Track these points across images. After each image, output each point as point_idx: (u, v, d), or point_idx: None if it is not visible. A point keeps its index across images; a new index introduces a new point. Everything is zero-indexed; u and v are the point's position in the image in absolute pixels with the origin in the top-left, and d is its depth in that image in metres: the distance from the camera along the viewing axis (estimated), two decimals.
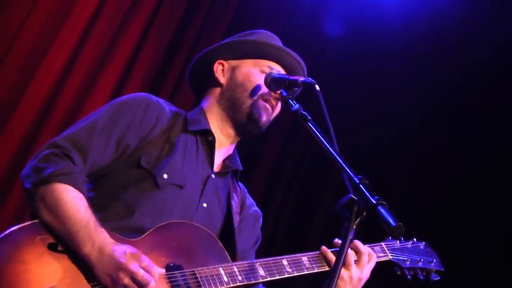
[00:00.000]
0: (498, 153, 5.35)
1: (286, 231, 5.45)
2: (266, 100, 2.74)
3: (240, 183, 2.91)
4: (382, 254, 2.82)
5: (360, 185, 2.05)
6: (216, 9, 4.97)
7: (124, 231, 2.38)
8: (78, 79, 4.22)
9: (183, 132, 2.67)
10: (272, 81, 2.67)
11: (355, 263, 2.63)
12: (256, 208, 2.96)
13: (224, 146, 2.80)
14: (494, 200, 5.27)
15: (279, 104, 2.78)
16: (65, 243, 2.25)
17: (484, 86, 5.44)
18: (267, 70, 2.77)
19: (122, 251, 2.20)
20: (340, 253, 2.03)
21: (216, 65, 2.83)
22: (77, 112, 4.18)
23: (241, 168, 2.86)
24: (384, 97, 5.63)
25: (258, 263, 2.54)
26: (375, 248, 2.81)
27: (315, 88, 2.47)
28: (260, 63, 2.80)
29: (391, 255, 2.84)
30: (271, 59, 2.82)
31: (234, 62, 2.83)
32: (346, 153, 5.16)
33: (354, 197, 2.04)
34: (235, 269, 2.47)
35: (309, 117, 2.39)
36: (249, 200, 2.94)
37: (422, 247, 2.99)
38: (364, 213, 2.03)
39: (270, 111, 2.76)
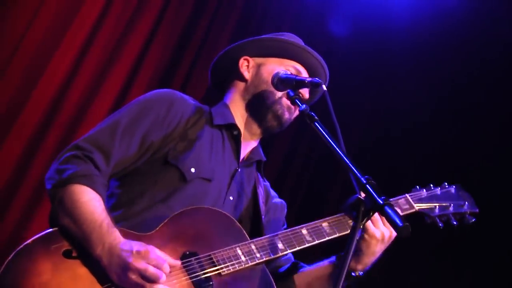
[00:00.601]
0: (505, 153, 5.32)
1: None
2: (289, 99, 2.72)
3: (264, 177, 2.93)
4: (407, 206, 2.76)
5: (367, 185, 2.05)
6: (223, 9, 4.97)
7: (147, 224, 2.39)
8: (85, 79, 4.22)
9: (208, 126, 2.70)
10: (279, 81, 2.68)
11: (380, 220, 2.54)
12: (281, 199, 2.98)
13: (249, 140, 2.83)
14: (501, 201, 5.24)
15: None
16: (80, 246, 2.27)
17: (492, 86, 5.41)
18: (292, 70, 2.81)
19: (129, 250, 2.20)
20: (347, 251, 2.02)
21: (241, 60, 2.86)
22: (84, 112, 4.19)
23: (265, 159, 2.89)
24: (391, 97, 5.62)
25: (277, 236, 2.53)
26: (399, 201, 2.75)
27: (322, 88, 2.48)
28: (285, 63, 2.84)
29: (417, 206, 2.77)
30: (295, 60, 2.86)
31: (259, 60, 2.87)
32: (353, 152, 5.17)
33: (361, 197, 2.03)
34: (253, 247, 2.46)
35: (316, 117, 2.40)
36: (272, 192, 2.97)
37: (453, 191, 2.90)
38: (371, 213, 2.03)
39: (292, 110, 2.78)
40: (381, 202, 1.99)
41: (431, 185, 2.87)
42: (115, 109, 4.27)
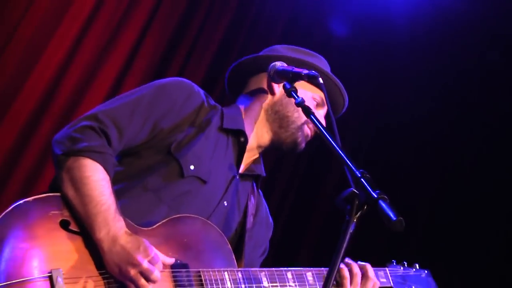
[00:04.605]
0: (501, 150, 5.34)
1: (282, 229, 5.44)
2: (309, 128, 2.76)
3: (259, 190, 2.90)
4: (385, 280, 2.82)
5: (362, 179, 2.03)
6: (218, 5, 4.96)
7: (139, 214, 2.38)
8: (78, 71, 4.21)
9: (216, 127, 2.66)
10: (276, 73, 2.64)
11: (359, 285, 2.64)
12: (270, 218, 2.95)
13: (253, 151, 2.80)
14: (494, 197, 5.27)
15: None
16: (80, 222, 2.23)
17: (490, 83, 5.44)
18: (318, 100, 2.79)
19: (135, 245, 2.19)
20: (340, 246, 2.01)
21: None
22: (77, 104, 4.18)
23: (264, 175, 2.86)
24: (387, 92, 5.63)
25: (264, 272, 2.54)
26: (379, 272, 2.81)
27: (318, 81, 2.47)
28: (315, 90, 2.80)
29: (393, 282, 2.85)
30: (324, 91, 2.76)
31: None
32: (349, 145, 5.17)
33: (355, 190, 2.02)
34: (240, 276, 2.46)
35: (312, 110, 2.38)
36: (265, 207, 2.93)
37: (423, 275, 2.99)
38: (365, 207, 2.01)
39: (309, 138, 2.80)
40: (376, 196, 1.98)
41: (405, 263, 2.97)
42: (109, 99, 4.29)
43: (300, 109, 2.59)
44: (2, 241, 2.12)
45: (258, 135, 2.77)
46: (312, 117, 2.35)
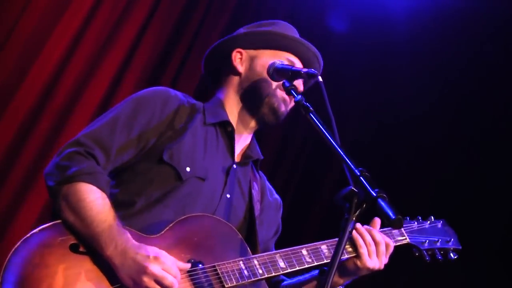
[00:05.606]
0: (501, 146, 5.34)
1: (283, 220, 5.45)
2: (285, 89, 2.71)
3: (260, 172, 2.92)
4: (401, 238, 2.82)
5: (361, 177, 2.05)
6: (217, 1, 4.95)
7: (148, 225, 2.40)
8: (78, 66, 4.20)
9: (202, 124, 2.68)
10: (275, 71, 2.67)
11: (375, 253, 2.63)
12: (277, 196, 2.96)
13: (244, 136, 2.81)
14: (495, 193, 5.27)
15: None
16: (87, 244, 2.27)
17: (489, 80, 5.43)
18: (285, 62, 2.77)
19: (145, 254, 2.21)
20: (339, 244, 2.03)
21: (234, 53, 2.82)
22: (76, 101, 4.17)
23: (262, 157, 2.87)
24: (387, 89, 5.62)
25: (278, 254, 2.55)
26: (393, 231, 2.80)
27: (318, 79, 2.47)
28: (278, 54, 2.80)
29: (410, 238, 2.84)
30: (288, 51, 2.82)
31: (252, 52, 2.82)
32: (348, 144, 5.16)
33: (354, 189, 2.03)
34: (255, 262, 2.47)
35: (311, 108, 2.39)
36: (269, 187, 2.95)
37: (439, 225, 2.97)
38: (364, 205, 2.02)
39: (288, 102, 2.77)
40: (375, 195, 1.99)
41: (419, 218, 2.96)
42: (108, 97, 4.30)
43: (267, 79, 2.70)
44: (18, 275, 2.16)
45: (242, 118, 2.79)
46: (311, 115, 2.36)
